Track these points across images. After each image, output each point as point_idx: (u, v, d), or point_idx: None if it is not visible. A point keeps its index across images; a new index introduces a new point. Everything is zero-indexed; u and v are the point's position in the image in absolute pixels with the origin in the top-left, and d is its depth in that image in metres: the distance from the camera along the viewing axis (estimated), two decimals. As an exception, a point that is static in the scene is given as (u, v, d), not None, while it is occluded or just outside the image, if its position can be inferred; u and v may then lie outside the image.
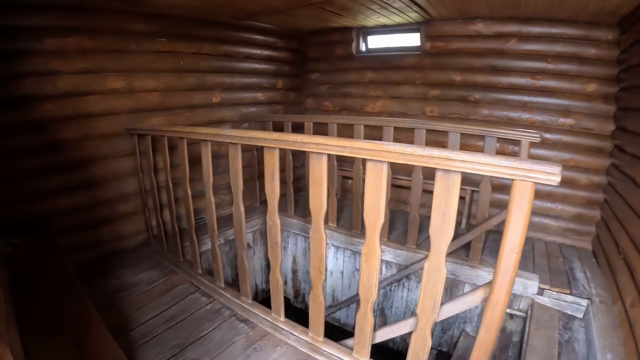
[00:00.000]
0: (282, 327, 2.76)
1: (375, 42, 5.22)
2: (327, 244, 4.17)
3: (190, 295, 3.21)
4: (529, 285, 3.28)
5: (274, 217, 2.46)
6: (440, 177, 1.59)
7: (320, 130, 3.97)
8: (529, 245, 4.08)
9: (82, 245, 3.63)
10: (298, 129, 4.34)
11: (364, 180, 2.53)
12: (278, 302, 2.81)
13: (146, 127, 3.80)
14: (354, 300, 4.35)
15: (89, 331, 1.88)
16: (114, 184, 3.76)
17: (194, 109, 4.34)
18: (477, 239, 3.48)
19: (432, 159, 1.52)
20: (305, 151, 2.01)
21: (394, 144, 1.66)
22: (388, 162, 1.72)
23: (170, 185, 3.56)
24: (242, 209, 2.74)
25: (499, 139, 3.33)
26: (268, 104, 5.27)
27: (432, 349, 4.03)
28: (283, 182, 4.69)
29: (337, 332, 4.66)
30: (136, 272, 3.54)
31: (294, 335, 2.67)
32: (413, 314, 3.82)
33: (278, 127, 4.51)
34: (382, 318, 4.31)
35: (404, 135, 4.09)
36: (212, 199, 3.03)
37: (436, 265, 1.72)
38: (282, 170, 4.53)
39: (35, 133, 3.19)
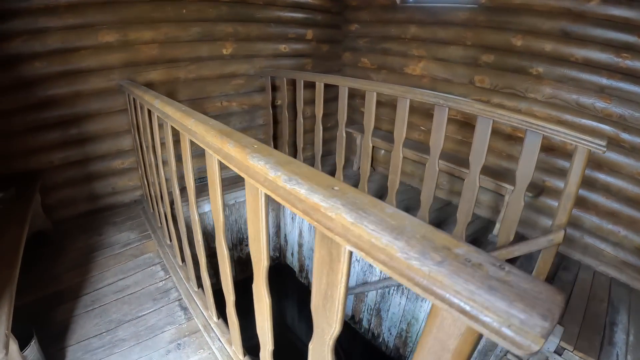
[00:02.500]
0: (213, 327, 2.59)
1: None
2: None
3: (152, 267, 3.20)
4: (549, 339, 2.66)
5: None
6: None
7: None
8: (572, 273, 3.27)
9: (76, 199, 3.82)
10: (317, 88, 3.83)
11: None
12: (210, 299, 2.62)
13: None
14: (355, 291, 4.07)
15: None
16: (108, 140, 3.77)
17: (200, 62, 4.05)
18: None
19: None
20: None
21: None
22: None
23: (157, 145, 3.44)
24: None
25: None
26: (293, 57, 4.75)
27: None
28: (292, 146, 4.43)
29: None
30: (118, 231, 3.64)
31: (220, 342, 2.52)
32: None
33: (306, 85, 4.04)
34: (378, 319, 3.98)
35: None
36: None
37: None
38: (294, 135, 4.29)
39: (26, 91, 3.27)
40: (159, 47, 3.75)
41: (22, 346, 2.16)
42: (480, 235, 3.64)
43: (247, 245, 4.95)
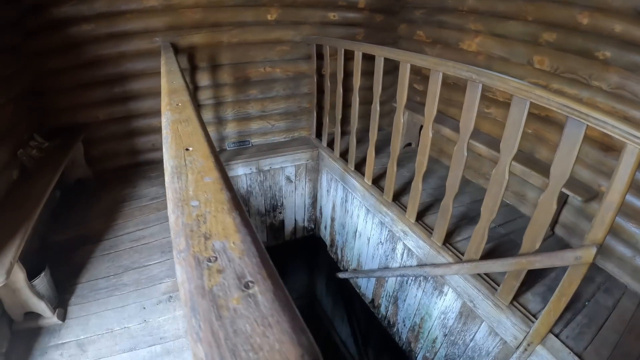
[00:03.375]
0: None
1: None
2: (359, 203, 3.92)
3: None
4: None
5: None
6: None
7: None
8: (613, 298, 2.71)
9: (117, 152, 4.15)
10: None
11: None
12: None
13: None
14: (375, 275, 3.99)
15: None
16: (149, 99, 3.96)
17: (244, 27, 4.01)
18: (514, 275, 2.49)
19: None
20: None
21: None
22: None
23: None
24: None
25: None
26: (343, 26, 4.48)
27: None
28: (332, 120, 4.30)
29: (357, 299, 4.49)
30: (150, 185, 3.92)
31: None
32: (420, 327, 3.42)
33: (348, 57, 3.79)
34: (395, 307, 3.81)
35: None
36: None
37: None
38: (333, 106, 4.15)
39: (75, 51, 3.56)
40: (202, 11, 3.80)
41: (34, 276, 2.45)
42: (514, 237, 3.30)
43: (280, 212, 5.03)
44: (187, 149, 0.92)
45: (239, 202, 0.70)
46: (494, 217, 2.55)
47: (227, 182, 0.77)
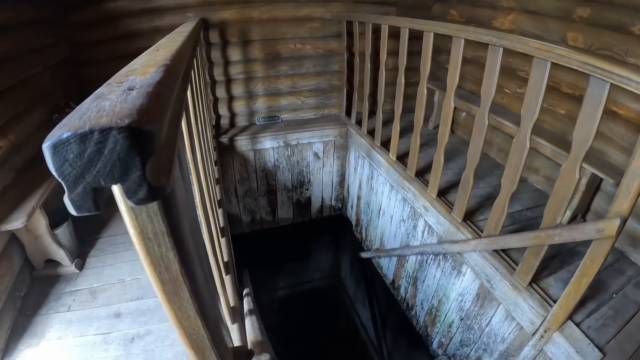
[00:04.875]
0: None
1: None
2: (384, 179, 3.94)
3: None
4: None
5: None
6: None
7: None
8: None
9: None
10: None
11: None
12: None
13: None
14: (396, 253, 4.01)
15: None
16: (182, 71, 4.13)
17: (274, 3, 4.07)
18: (533, 252, 2.37)
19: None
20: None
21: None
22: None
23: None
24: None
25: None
26: (375, 4, 4.40)
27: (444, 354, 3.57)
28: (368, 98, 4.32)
29: (378, 280, 4.53)
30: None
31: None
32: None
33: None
34: (414, 289, 3.77)
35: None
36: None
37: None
38: (362, 84, 4.18)
39: (111, 25, 3.80)
40: (234, -13, 3.88)
41: (56, 226, 2.70)
42: (538, 216, 3.20)
43: (307, 189, 5.08)
44: (157, 50, 1.03)
45: (178, 70, 0.79)
46: (515, 189, 2.45)
47: (177, 57, 0.88)
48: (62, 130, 0.40)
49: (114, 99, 0.48)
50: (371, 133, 4.31)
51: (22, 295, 2.57)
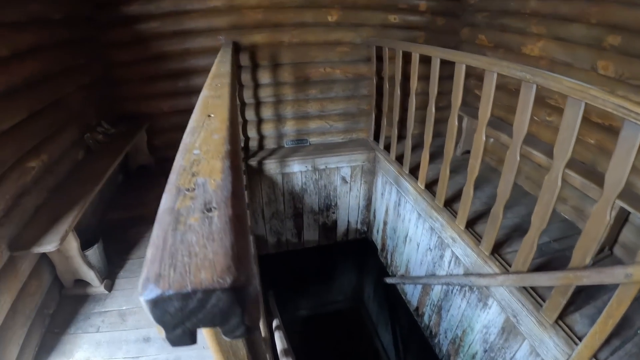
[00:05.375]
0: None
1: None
2: (411, 207, 3.94)
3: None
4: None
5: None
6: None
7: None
8: None
9: (179, 143, 4.47)
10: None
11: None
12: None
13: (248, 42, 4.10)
14: (421, 282, 3.97)
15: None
16: (212, 93, 4.26)
17: (304, 27, 4.20)
18: (561, 291, 2.36)
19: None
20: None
21: None
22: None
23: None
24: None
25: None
26: (404, 29, 4.49)
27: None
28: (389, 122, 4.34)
29: (401, 306, 4.49)
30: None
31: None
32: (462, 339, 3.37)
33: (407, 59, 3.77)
34: (438, 317, 3.73)
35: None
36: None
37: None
38: (391, 109, 4.21)
39: (143, 46, 3.99)
40: (264, 12, 4.05)
41: (87, 247, 2.79)
42: (569, 254, 3.14)
43: (333, 212, 5.14)
44: (209, 116, 1.03)
45: (237, 155, 0.77)
46: (545, 227, 2.44)
47: (234, 138, 0.86)
48: (161, 285, 0.41)
49: (197, 228, 0.49)
50: (399, 159, 4.33)
51: (51, 313, 2.65)
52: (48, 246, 2.32)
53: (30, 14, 2.77)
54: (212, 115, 1.03)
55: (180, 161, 0.73)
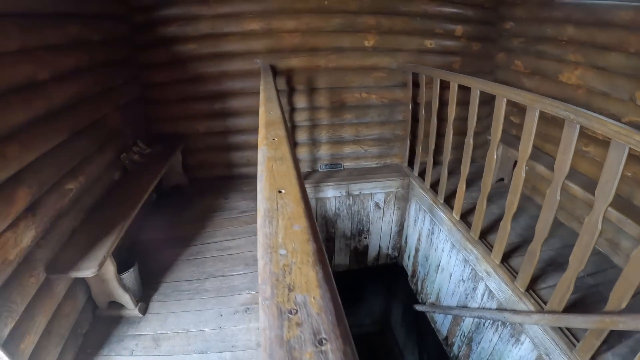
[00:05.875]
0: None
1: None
2: (445, 237, 3.90)
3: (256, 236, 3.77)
4: None
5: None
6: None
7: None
8: None
9: (213, 164, 4.70)
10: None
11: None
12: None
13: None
14: (453, 312, 3.91)
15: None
16: (247, 116, 4.45)
17: (341, 52, 4.29)
18: (595, 333, 2.32)
19: None
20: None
21: None
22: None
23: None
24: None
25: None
26: (440, 54, 4.53)
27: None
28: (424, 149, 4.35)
29: (430, 334, 4.42)
30: (241, 199, 4.35)
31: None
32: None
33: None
34: (468, 349, 3.68)
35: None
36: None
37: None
38: (427, 135, 4.20)
39: (180, 67, 4.17)
40: (301, 36, 4.18)
41: (123, 271, 2.85)
42: (603, 289, 3.05)
43: (365, 237, 5.16)
44: (279, 192, 1.00)
45: (324, 255, 0.74)
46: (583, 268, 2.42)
47: (314, 231, 0.82)
48: None
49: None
50: (434, 187, 4.33)
51: (84, 333, 2.69)
52: (86, 272, 2.33)
53: (69, 36, 2.81)
54: (283, 192, 1.01)
55: (268, 262, 0.70)
